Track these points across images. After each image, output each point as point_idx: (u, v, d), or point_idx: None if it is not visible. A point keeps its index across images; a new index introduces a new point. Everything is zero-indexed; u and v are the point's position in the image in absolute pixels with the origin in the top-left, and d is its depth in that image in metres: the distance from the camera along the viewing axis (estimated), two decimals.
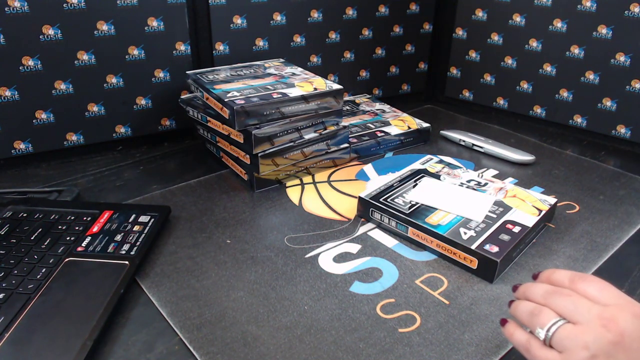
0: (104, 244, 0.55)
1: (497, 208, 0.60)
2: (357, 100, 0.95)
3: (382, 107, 0.92)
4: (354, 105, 0.93)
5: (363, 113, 0.89)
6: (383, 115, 0.88)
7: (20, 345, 0.42)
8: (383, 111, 0.90)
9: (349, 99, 0.96)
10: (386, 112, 0.90)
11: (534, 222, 0.57)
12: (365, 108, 0.92)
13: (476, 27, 0.95)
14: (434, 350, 0.44)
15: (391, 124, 0.85)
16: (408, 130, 0.82)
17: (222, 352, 0.44)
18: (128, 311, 0.48)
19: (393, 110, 0.91)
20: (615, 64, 0.81)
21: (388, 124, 0.85)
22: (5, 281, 0.49)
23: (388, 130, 0.82)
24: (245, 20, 0.82)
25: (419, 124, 0.84)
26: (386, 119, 0.87)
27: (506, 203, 0.61)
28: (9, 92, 0.71)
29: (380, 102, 0.95)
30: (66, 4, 0.70)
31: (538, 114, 0.92)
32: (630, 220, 0.63)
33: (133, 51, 0.76)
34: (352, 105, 0.93)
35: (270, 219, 0.63)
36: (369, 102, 0.95)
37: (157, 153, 0.81)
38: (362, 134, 0.81)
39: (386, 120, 0.86)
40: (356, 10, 0.91)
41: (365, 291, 0.51)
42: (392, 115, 0.88)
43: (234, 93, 0.67)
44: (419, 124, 0.84)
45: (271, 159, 0.68)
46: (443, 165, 0.70)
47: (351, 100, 0.96)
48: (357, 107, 0.92)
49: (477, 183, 0.66)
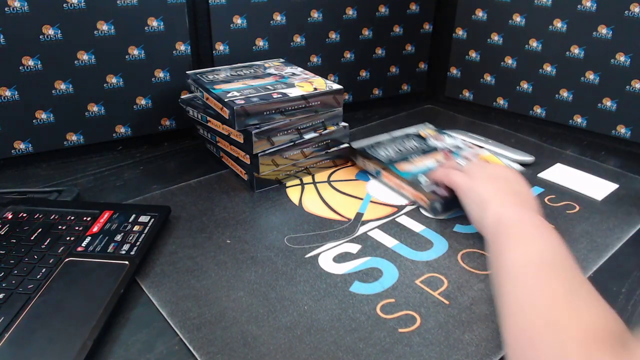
0: (104, 244, 0.55)
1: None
2: (421, 133, 0.79)
3: (454, 141, 0.76)
4: (420, 141, 0.77)
5: (435, 150, 0.74)
6: (461, 153, 0.73)
7: (20, 345, 0.42)
8: (458, 147, 0.74)
9: (411, 132, 0.80)
10: (462, 150, 0.74)
11: None
12: (435, 143, 0.75)
13: (476, 27, 0.95)
14: (434, 350, 0.44)
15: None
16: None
17: (222, 352, 0.44)
18: (128, 311, 0.48)
19: (469, 146, 0.75)
20: (615, 64, 0.81)
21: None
22: (5, 281, 0.49)
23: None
24: (245, 20, 0.82)
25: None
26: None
27: None
28: (9, 92, 0.71)
29: (447, 133, 0.78)
30: (66, 4, 0.70)
31: (538, 114, 0.92)
32: (630, 220, 0.63)
33: (133, 51, 0.76)
34: (418, 140, 0.77)
35: (270, 219, 0.63)
36: (436, 134, 0.79)
37: (157, 153, 0.81)
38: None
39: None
40: (356, 10, 0.91)
41: (365, 291, 0.51)
42: (473, 154, 0.72)
43: (234, 93, 0.67)
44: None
45: (271, 158, 0.68)
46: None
47: (414, 133, 0.79)
48: (425, 143, 0.76)
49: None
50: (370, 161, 0.72)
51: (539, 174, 0.74)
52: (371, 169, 0.73)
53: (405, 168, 0.69)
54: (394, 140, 0.77)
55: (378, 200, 0.67)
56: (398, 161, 0.70)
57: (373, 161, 0.72)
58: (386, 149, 0.74)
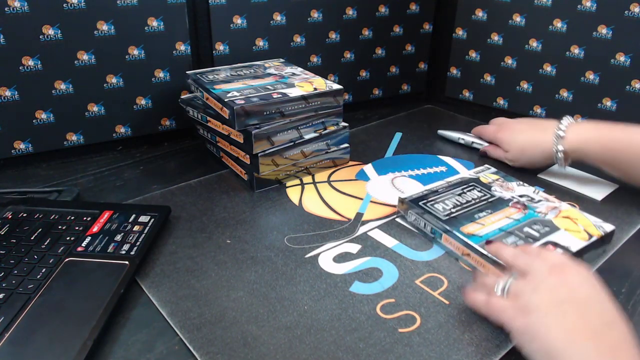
0: (104, 244, 0.55)
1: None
2: (482, 179, 0.66)
3: (526, 190, 0.64)
4: (483, 189, 0.64)
5: (505, 204, 0.61)
6: (540, 212, 0.59)
7: (20, 345, 0.42)
8: (531, 199, 0.62)
9: (471, 176, 0.67)
10: (540, 203, 0.61)
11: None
12: (502, 193, 0.63)
13: (476, 27, 0.95)
14: (434, 350, 0.44)
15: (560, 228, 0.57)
16: (590, 240, 0.55)
17: (222, 352, 0.44)
18: (128, 311, 0.48)
19: (546, 198, 0.62)
20: (615, 64, 0.81)
21: (555, 228, 0.56)
22: (5, 281, 0.49)
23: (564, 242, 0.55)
24: (245, 20, 0.82)
25: (601, 230, 0.57)
26: (552, 225, 0.57)
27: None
28: (9, 92, 0.71)
29: (513, 179, 0.67)
30: (66, 4, 0.70)
31: (538, 114, 0.92)
32: (630, 220, 0.63)
33: (133, 51, 0.76)
34: (480, 187, 0.64)
35: (270, 219, 0.63)
36: (503, 182, 0.66)
37: (157, 153, 0.81)
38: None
39: (551, 225, 0.57)
40: (356, 10, 0.91)
41: (365, 291, 0.51)
42: (552, 209, 0.60)
43: (234, 93, 0.67)
44: (601, 228, 0.57)
45: (271, 158, 0.68)
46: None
47: (473, 177, 0.67)
48: (489, 192, 0.63)
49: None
50: (426, 219, 0.59)
51: (539, 174, 0.74)
52: (427, 230, 0.59)
53: (471, 231, 0.56)
54: (450, 188, 0.64)
55: (378, 200, 0.67)
56: (463, 222, 0.57)
57: (429, 218, 0.58)
58: (444, 202, 0.61)
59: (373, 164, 0.77)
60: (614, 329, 0.38)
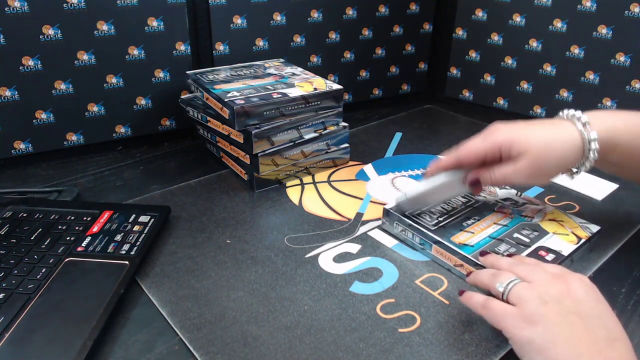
0: (104, 244, 0.55)
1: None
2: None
3: (508, 192, 0.63)
4: (468, 196, 0.63)
5: (491, 209, 0.60)
6: (526, 215, 0.59)
7: (20, 345, 0.42)
8: (515, 202, 0.62)
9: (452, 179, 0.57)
10: (525, 207, 0.60)
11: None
12: (486, 197, 0.62)
13: (476, 27, 0.95)
14: (434, 350, 0.44)
15: None
16: (578, 243, 0.55)
17: (222, 352, 0.44)
18: (128, 311, 0.48)
19: (529, 200, 0.62)
20: (615, 64, 0.81)
21: (544, 232, 0.57)
22: (5, 281, 0.49)
23: None
24: (245, 20, 0.82)
25: (587, 231, 0.57)
26: (540, 229, 0.57)
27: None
28: (9, 92, 0.71)
29: (503, 186, 0.65)
30: (66, 4, 0.70)
31: (538, 114, 0.92)
32: (630, 220, 0.63)
33: (133, 51, 0.76)
34: (467, 195, 0.63)
35: (270, 219, 0.63)
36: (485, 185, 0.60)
37: (157, 153, 0.81)
38: None
39: (540, 229, 0.57)
40: (356, 10, 0.91)
41: (365, 291, 0.51)
42: (537, 212, 0.59)
43: (234, 93, 0.67)
44: (587, 230, 0.57)
45: (271, 158, 0.68)
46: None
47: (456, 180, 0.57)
48: (473, 196, 0.63)
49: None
50: (413, 229, 0.57)
51: None
52: (415, 241, 0.57)
53: (462, 240, 0.54)
54: (434, 193, 0.59)
55: (378, 200, 0.67)
56: (452, 231, 0.56)
57: (417, 230, 0.56)
58: (430, 211, 0.59)
59: (373, 164, 0.77)
60: (618, 345, 0.38)
